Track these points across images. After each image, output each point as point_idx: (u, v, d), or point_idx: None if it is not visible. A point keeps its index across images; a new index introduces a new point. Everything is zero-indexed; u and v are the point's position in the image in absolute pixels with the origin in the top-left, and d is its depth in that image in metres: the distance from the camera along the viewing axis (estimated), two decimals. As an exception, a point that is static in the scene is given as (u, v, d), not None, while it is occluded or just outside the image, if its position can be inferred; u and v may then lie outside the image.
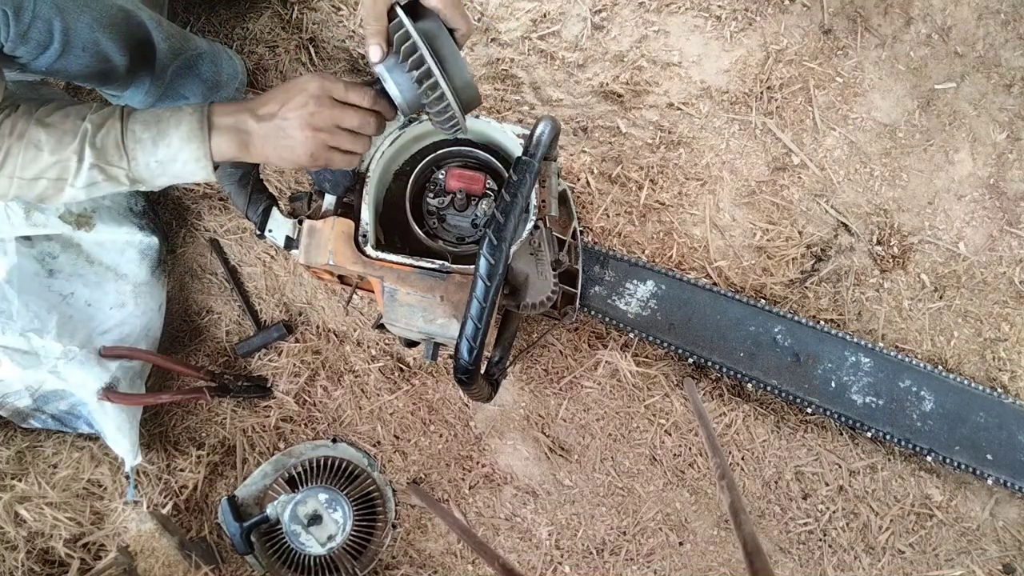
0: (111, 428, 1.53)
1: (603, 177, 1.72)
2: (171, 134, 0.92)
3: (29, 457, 1.63)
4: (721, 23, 1.73)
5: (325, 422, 1.72)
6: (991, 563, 1.62)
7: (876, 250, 1.68)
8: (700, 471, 1.67)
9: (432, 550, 1.69)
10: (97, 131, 0.90)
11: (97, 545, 1.59)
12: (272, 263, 1.75)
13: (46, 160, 0.90)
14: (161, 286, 1.67)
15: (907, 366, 1.54)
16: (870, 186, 1.70)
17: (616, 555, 1.66)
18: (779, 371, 1.56)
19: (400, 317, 1.22)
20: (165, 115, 0.93)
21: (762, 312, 1.56)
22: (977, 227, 1.68)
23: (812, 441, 1.66)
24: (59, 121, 0.89)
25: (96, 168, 0.92)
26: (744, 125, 1.72)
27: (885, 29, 1.72)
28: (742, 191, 1.71)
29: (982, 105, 1.70)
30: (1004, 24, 1.71)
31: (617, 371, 1.68)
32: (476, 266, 0.95)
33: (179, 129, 0.92)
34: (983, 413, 1.52)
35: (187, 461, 1.68)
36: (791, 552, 1.65)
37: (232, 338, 1.74)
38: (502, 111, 1.73)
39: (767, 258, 1.69)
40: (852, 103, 1.71)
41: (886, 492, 1.64)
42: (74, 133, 0.89)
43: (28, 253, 1.45)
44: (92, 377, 1.49)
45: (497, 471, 1.70)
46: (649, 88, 1.72)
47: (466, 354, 0.97)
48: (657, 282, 1.58)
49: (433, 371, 1.72)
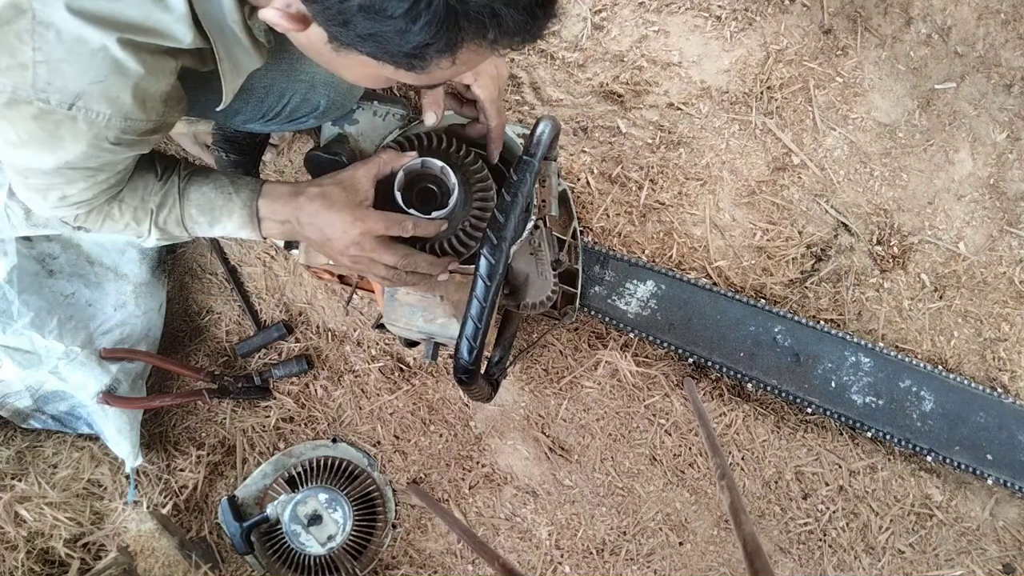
0: (111, 430, 1.53)
1: (603, 177, 1.72)
2: (224, 221, 1.00)
3: (29, 457, 1.63)
4: (721, 23, 1.73)
5: (325, 422, 1.72)
6: (991, 563, 1.62)
7: (876, 250, 1.68)
8: (700, 471, 1.67)
9: (432, 550, 1.69)
10: (160, 212, 0.98)
11: (97, 545, 1.59)
12: (272, 263, 1.75)
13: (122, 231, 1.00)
14: (161, 286, 1.67)
15: (907, 366, 1.54)
16: (870, 186, 1.70)
17: (616, 555, 1.66)
18: (779, 371, 1.56)
19: (400, 317, 1.22)
20: (218, 203, 0.99)
21: (762, 312, 1.56)
22: (977, 227, 1.68)
23: (812, 441, 1.66)
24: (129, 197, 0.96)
25: (164, 238, 1.03)
26: (744, 125, 1.72)
27: (885, 29, 1.72)
28: (742, 191, 1.71)
29: (982, 105, 1.70)
30: (1004, 24, 1.71)
31: (617, 371, 1.68)
32: (476, 266, 0.95)
33: (232, 219, 1.00)
34: (983, 413, 1.52)
35: (187, 461, 1.68)
36: (791, 552, 1.65)
37: (232, 338, 1.74)
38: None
39: (767, 258, 1.69)
40: (852, 103, 1.71)
41: (886, 492, 1.64)
42: (144, 212, 0.97)
43: (28, 253, 1.45)
44: (93, 378, 1.49)
45: (497, 471, 1.70)
46: (649, 88, 1.72)
47: (466, 354, 0.97)
48: (657, 282, 1.58)
49: (433, 371, 1.72)
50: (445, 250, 1.09)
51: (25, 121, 0.74)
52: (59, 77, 0.70)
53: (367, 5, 0.61)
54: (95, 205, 0.93)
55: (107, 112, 0.75)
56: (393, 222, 1.00)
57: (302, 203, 0.99)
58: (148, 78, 0.75)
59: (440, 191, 1.09)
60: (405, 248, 1.03)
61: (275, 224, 1.02)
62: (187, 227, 1.01)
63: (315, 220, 0.99)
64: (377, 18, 0.61)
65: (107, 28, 0.69)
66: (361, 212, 0.99)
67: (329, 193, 0.99)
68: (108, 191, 0.92)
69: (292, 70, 1.08)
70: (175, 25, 0.72)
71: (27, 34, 0.67)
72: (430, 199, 1.09)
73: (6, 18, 0.66)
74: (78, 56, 0.69)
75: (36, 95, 0.70)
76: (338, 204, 0.99)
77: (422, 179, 1.09)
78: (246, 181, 1.01)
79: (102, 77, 0.72)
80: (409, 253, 1.03)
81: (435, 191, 1.09)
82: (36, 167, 0.82)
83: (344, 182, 1.01)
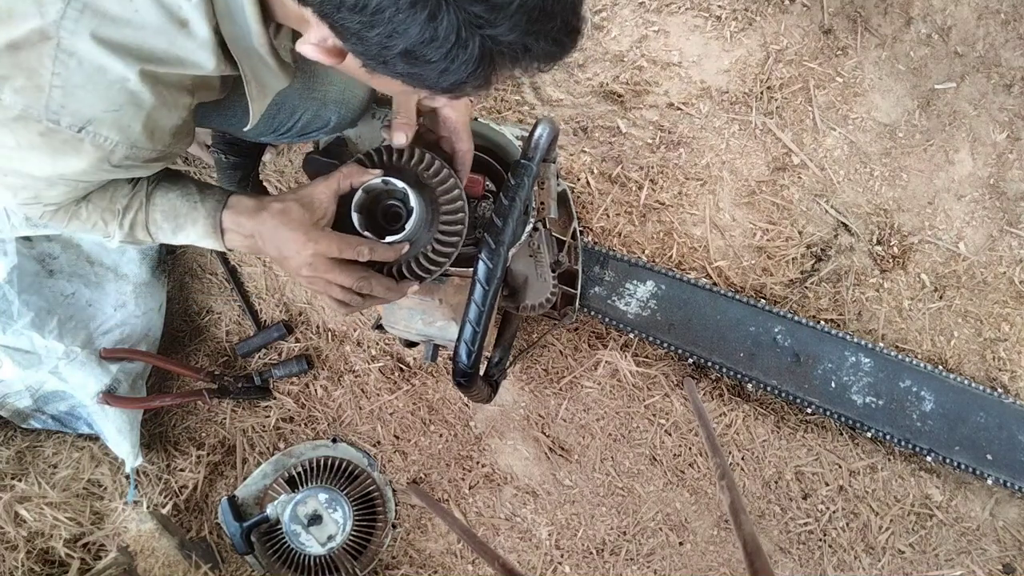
0: (111, 430, 1.53)
1: (603, 177, 1.72)
2: (188, 229, 0.98)
3: (29, 457, 1.63)
4: (721, 23, 1.73)
5: (325, 422, 1.72)
6: (991, 563, 1.62)
7: (876, 250, 1.68)
8: (700, 471, 1.67)
9: (432, 550, 1.69)
10: (126, 214, 0.97)
11: (97, 545, 1.59)
12: (272, 263, 1.74)
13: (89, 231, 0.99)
14: (161, 286, 1.67)
15: (907, 366, 1.54)
16: (870, 186, 1.70)
17: (616, 555, 1.66)
18: (779, 371, 1.56)
19: (399, 319, 1.22)
20: (183, 210, 0.98)
21: (762, 312, 1.56)
22: (977, 227, 1.68)
23: (812, 441, 1.66)
24: (97, 198, 0.95)
25: (128, 240, 1.01)
26: (744, 125, 1.72)
27: (885, 29, 1.72)
28: (742, 191, 1.71)
29: (982, 105, 1.70)
30: (1004, 24, 1.70)
31: (617, 371, 1.68)
32: (474, 270, 0.94)
33: (195, 227, 0.98)
34: (983, 413, 1.52)
35: (187, 461, 1.68)
36: (791, 552, 1.65)
37: (232, 338, 1.74)
38: (502, 111, 1.73)
39: (767, 258, 1.69)
40: (852, 103, 1.71)
41: (886, 492, 1.64)
42: (111, 213, 0.96)
43: (28, 253, 1.45)
44: (93, 378, 1.49)
45: (497, 471, 1.70)
46: (649, 88, 1.72)
47: (464, 358, 0.97)
48: (657, 282, 1.58)
49: (433, 371, 1.72)
50: (404, 275, 1.01)
51: (30, 135, 0.74)
52: (73, 102, 0.71)
53: (408, 51, 0.62)
54: (64, 205, 0.92)
55: (115, 138, 0.75)
56: (348, 245, 0.95)
57: (264, 218, 0.96)
58: (161, 110, 0.76)
59: (406, 210, 1.00)
60: (361, 270, 0.98)
61: (239, 237, 0.99)
62: (151, 232, 0.99)
63: (274, 237, 0.96)
64: (417, 62, 0.63)
65: (130, 59, 0.70)
66: (315, 233, 0.95)
67: (288, 210, 0.95)
68: (79, 196, 0.92)
69: (305, 88, 1.08)
70: (198, 52, 0.73)
71: (49, 59, 0.68)
72: (395, 218, 1.01)
73: (31, 41, 0.67)
74: (96, 85, 0.70)
75: (47, 115, 0.71)
76: (294, 222, 0.95)
77: (389, 195, 1.02)
78: (213, 191, 0.99)
79: (117, 106, 0.73)
80: (365, 276, 0.98)
81: (402, 209, 1.01)
82: (25, 171, 0.81)
83: (303, 199, 0.97)
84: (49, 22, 0.66)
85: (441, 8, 0.59)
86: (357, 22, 0.61)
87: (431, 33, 0.60)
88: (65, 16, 0.66)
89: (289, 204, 0.96)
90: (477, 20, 0.60)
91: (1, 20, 0.66)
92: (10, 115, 0.72)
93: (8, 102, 0.70)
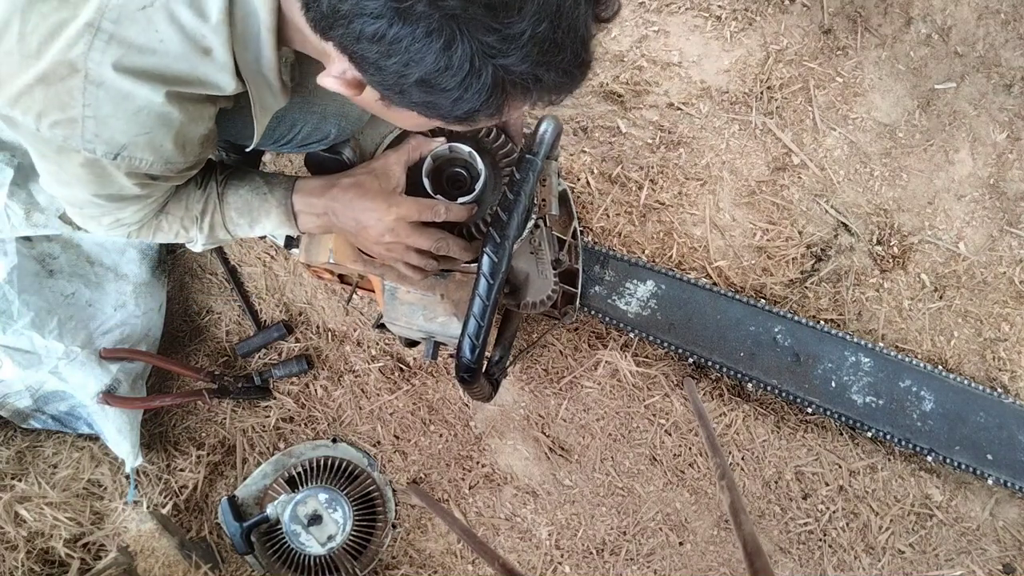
0: (112, 430, 1.53)
1: (603, 177, 1.72)
2: (264, 221, 1.04)
3: (29, 457, 1.63)
4: (721, 23, 1.73)
5: (325, 422, 1.72)
6: (991, 563, 1.62)
7: (876, 250, 1.68)
8: (700, 471, 1.67)
9: (432, 550, 1.69)
10: (203, 218, 1.02)
11: (97, 545, 1.59)
12: (272, 263, 1.75)
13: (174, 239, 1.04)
14: (161, 286, 1.67)
15: (907, 366, 1.54)
16: (870, 186, 1.70)
17: (616, 555, 1.66)
18: (779, 371, 1.56)
19: (401, 316, 1.22)
20: (255, 204, 1.03)
21: (762, 312, 1.56)
22: (977, 227, 1.68)
23: (812, 441, 1.66)
24: (174, 208, 1.00)
25: (210, 241, 1.06)
26: (744, 125, 1.72)
27: (885, 29, 1.72)
28: (742, 191, 1.71)
29: (982, 105, 1.70)
30: (1004, 24, 1.71)
31: (617, 371, 1.68)
32: (479, 263, 0.95)
33: (270, 218, 1.03)
34: (983, 413, 1.52)
35: (187, 461, 1.68)
36: (791, 552, 1.65)
37: (232, 338, 1.74)
38: (502, 111, 1.73)
39: (767, 258, 1.69)
40: (852, 103, 1.71)
41: (886, 492, 1.64)
42: (190, 220, 1.01)
43: (28, 253, 1.45)
44: (93, 378, 1.49)
45: (497, 471, 1.70)
46: (649, 88, 1.72)
47: (468, 352, 0.97)
48: (657, 282, 1.58)
49: (433, 371, 1.72)
50: (474, 235, 1.09)
51: (73, 167, 0.79)
52: (106, 130, 0.74)
53: (423, 79, 0.64)
54: (144, 221, 0.97)
55: (150, 159, 0.79)
56: (426, 207, 1.02)
57: (336, 194, 1.02)
58: (189, 125, 0.79)
59: (469, 175, 1.09)
60: (439, 232, 1.05)
61: (311, 217, 1.04)
62: (229, 230, 1.04)
63: (350, 209, 1.01)
64: (432, 91, 0.65)
65: (156, 83, 0.72)
66: (394, 199, 1.01)
67: (362, 182, 1.02)
68: (156, 209, 0.97)
69: (305, 103, 1.11)
70: (219, 75, 0.75)
71: (79, 92, 0.70)
72: (459, 184, 1.09)
73: (60, 75, 0.69)
74: (126, 112, 0.73)
75: (84, 145, 0.74)
76: (371, 192, 1.01)
77: (451, 164, 1.09)
78: (279, 180, 1.04)
79: (148, 129, 0.76)
80: (442, 237, 1.05)
81: (464, 175, 1.09)
82: (87, 199, 0.86)
83: (376, 170, 1.03)
84: (77, 54, 0.68)
85: (456, 38, 0.61)
86: (375, 52, 0.63)
87: (446, 61, 0.62)
88: (92, 48, 0.68)
89: (361, 177, 1.02)
90: (490, 50, 0.62)
91: (31, 54, 0.68)
92: (52, 148, 0.76)
93: (48, 136, 0.73)
